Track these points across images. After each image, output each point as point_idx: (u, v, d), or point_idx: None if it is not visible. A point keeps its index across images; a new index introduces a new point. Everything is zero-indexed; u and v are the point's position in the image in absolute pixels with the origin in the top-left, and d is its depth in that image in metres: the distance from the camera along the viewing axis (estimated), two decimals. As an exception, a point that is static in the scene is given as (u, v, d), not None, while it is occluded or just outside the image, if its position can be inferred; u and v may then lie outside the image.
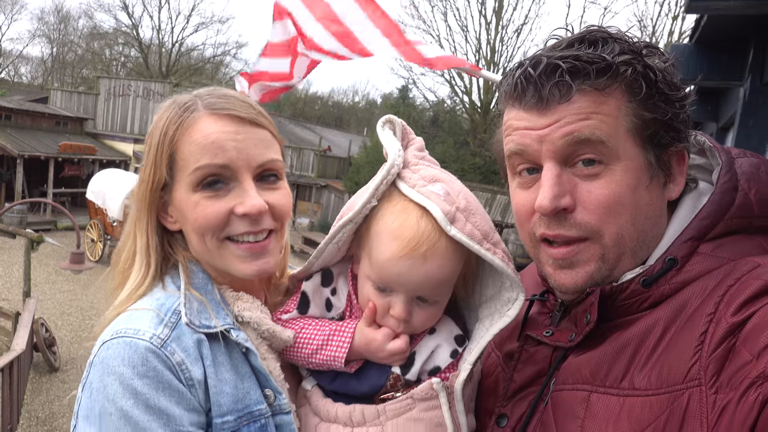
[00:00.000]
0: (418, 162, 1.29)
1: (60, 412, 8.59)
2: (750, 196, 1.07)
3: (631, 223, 1.07)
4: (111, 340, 1.13)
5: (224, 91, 1.29)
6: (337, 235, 1.28)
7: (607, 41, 1.07)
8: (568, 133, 1.05)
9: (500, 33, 28.22)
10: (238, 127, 1.22)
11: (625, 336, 1.05)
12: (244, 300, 1.28)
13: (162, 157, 1.22)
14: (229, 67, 45.20)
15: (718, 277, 0.99)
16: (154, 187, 1.24)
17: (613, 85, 1.05)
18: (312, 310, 1.37)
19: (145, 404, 1.07)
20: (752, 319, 0.87)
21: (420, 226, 1.18)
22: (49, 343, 9.86)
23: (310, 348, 1.30)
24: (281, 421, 1.23)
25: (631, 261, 1.10)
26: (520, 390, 1.22)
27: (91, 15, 45.34)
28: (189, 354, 1.14)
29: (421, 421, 1.23)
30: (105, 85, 29.31)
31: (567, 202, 1.07)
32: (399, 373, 1.28)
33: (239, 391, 1.19)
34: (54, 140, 24.24)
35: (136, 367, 1.08)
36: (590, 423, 1.01)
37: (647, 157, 1.07)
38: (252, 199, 1.20)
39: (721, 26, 2.94)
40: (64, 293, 14.21)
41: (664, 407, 0.92)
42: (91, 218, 18.40)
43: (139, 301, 1.21)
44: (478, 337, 1.27)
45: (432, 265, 1.20)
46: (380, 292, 1.27)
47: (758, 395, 0.79)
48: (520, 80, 1.09)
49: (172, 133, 1.22)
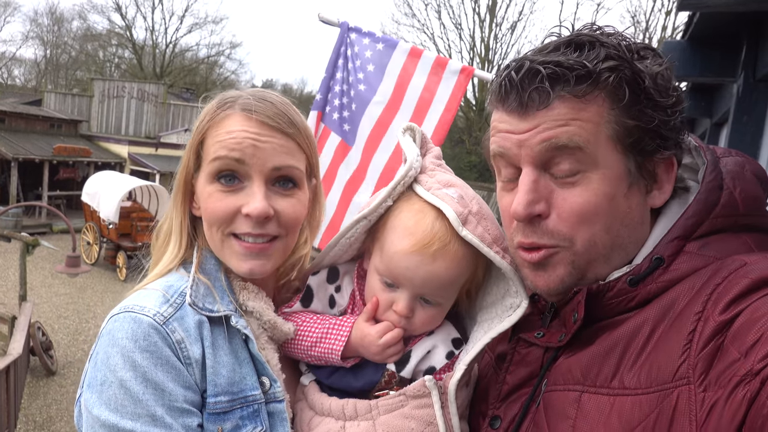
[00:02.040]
0: (435, 168, 1.34)
1: (58, 416, 8.57)
2: (735, 194, 1.07)
3: (605, 231, 1.07)
4: (119, 314, 1.19)
5: (266, 95, 1.32)
6: (350, 231, 1.33)
7: (595, 45, 1.05)
8: (545, 139, 1.05)
9: (494, 30, 28.26)
10: (263, 131, 1.26)
11: (614, 336, 1.06)
12: (250, 290, 1.33)
13: (194, 146, 1.31)
14: (223, 67, 45.16)
15: (706, 275, 1.00)
16: (187, 173, 1.33)
17: (594, 92, 1.04)
18: (315, 304, 1.40)
19: (143, 377, 1.12)
20: (740, 317, 0.88)
21: (435, 226, 1.24)
22: (46, 346, 9.84)
23: (309, 340, 1.34)
24: (274, 409, 1.26)
25: (605, 266, 1.11)
26: (513, 391, 1.23)
27: (84, 16, 45.28)
28: (189, 334, 1.19)
29: (412, 419, 1.24)
30: (99, 87, 29.26)
31: (541, 209, 1.08)
32: (394, 370, 1.31)
33: (236, 374, 1.23)
34: (48, 143, 24.18)
35: (138, 341, 1.14)
36: (581, 423, 1.02)
37: (627, 165, 1.07)
38: (256, 202, 1.23)
39: (714, 23, 2.94)
40: (61, 296, 14.18)
41: (653, 406, 0.92)
42: (86, 221, 18.37)
43: (153, 282, 1.27)
44: (475, 339, 1.29)
45: (439, 265, 1.24)
46: (386, 287, 1.31)
47: (746, 393, 0.79)
48: (504, 83, 1.09)
49: (205, 125, 1.29)
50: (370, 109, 3.87)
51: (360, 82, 3.92)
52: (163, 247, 1.36)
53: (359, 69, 3.95)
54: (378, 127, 3.85)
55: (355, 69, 3.96)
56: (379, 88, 3.86)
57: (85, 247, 17.88)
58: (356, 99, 3.92)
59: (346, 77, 3.99)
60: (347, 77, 3.99)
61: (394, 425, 1.24)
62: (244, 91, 1.34)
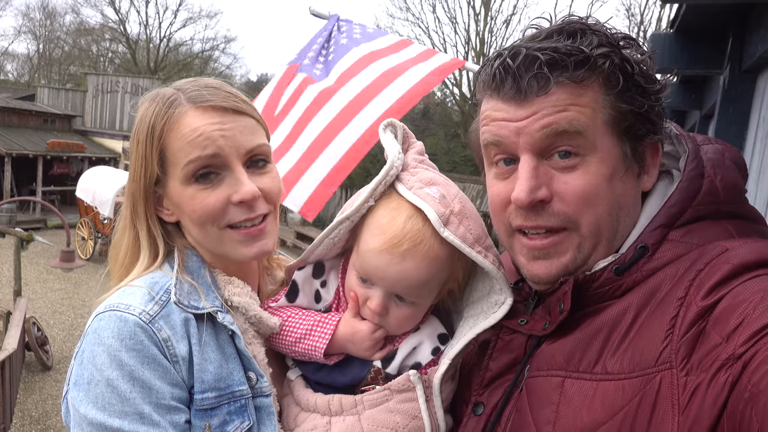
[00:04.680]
0: (417, 165, 1.32)
1: (53, 411, 8.55)
2: (716, 182, 1.08)
3: (608, 213, 1.09)
4: (104, 312, 1.18)
5: (206, 82, 1.32)
6: (333, 231, 1.32)
7: (586, 33, 1.07)
8: (546, 125, 1.05)
9: (489, 24, 28.17)
10: (223, 117, 1.26)
11: (597, 322, 1.07)
12: (235, 285, 1.33)
13: (152, 153, 1.26)
14: (217, 62, 44.87)
15: (688, 262, 1.01)
16: (147, 182, 1.28)
17: (591, 78, 1.05)
18: (300, 299, 1.40)
19: (130, 376, 1.12)
20: (722, 302, 0.89)
21: (406, 225, 1.22)
22: (42, 342, 9.81)
23: (293, 336, 1.34)
24: (261, 404, 1.27)
25: (606, 250, 1.12)
26: (496, 378, 1.24)
27: (77, 11, 44.69)
28: (176, 331, 1.19)
29: (397, 413, 1.25)
30: (93, 82, 29.04)
31: (543, 194, 1.08)
32: (380, 366, 1.31)
33: (223, 370, 1.23)
34: (42, 138, 24.01)
35: (124, 340, 1.14)
36: (565, 408, 1.03)
37: (623, 149, 1.08)
38: (245, 186, 1.25)
39: (701, 15, 2.95)
40: (56, 292, 14.12)
41: (636, 390, 0.94)
42: (81, 216, 18.26)
43: (136, 280, 1.26)
44: (460, 334, 1.29)
45: (409, 265, 1.23)
46: (362, 283, 1.30)
47: (728, 377, 0.81)
48: (499, 70, 1.09)
49: (159, 129, 1.25)
50: (348, 57, 3.88)
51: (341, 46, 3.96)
52: (128, 266, 1.32)
53: (342, 38, 3.99)
54: (357, 65, 3.84)
55: (338, 38, 4.00)
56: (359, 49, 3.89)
57: (80, 242, 17.78)
58: (336, 50, 3.95)
59: (327, 45, 4.02)
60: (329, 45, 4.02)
61: (380, 419, 1.25)
62: (174, 85, 1.32)
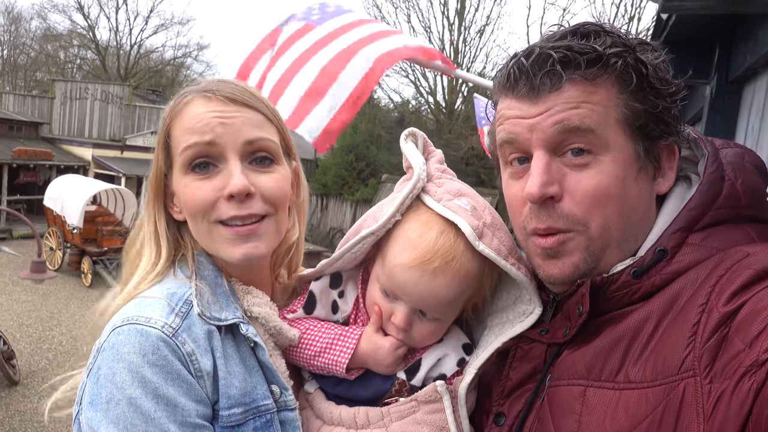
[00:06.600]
0: (441, 175, 1.29)
1: (21, 427, 8.28)
2: (737, 185, 1.08)
3: (618, 214, 1.08)
4: (122, 326, 1.10)
5: (225, 79, 1.29)
6: (356, 246, 1.28)
7: (600, 34, 1.09)
8: (558, 121, 1.06)
9: (463, 34, 28.47)
10: (227, 107, 1.22)
11: (618, 329, 1.06)
12: (254, 294, 1.28)
13: (160, 142, 1.25)
14: (190, 69, 44.43)
15: (709, 267, 1.00)
16: (158, 174, 1.27)
17: (604, 76, 1.06)
18: (318, 311, 1.36)
19: (154, 393, 1.05)
20: (744, 308, 0.88)
21: (438, 241, 1.18)
22: (8, 356, 9.50)
23: (313, 350, 1.30)
24: (285, 418, 1.21)
25: (618, 253, 1.11)
26: (517, 388, 1.22)
27: (44, 16, 44.00)
28: (199, 345, 1.13)
29: (425, 424, 1.22)
30: (61, 89, 28.50)
31: (555, 191, 1.08)
32: (404, 378, 1.28)
33: (247, 384, 1.18)
34: (7, 146, 23.39)
35: (147, 356, 1.07)
36: (587, 417, 1.01)
37: (636, 149, 1.08)
38: (234, 179, 1.18)
39: (689, 26, 3.01)
40: (23, 304, 13.71)
41: (660, 399, 0.92)
42: (49, 226, 17.81)
43: (150, 289, 1.20)
44: (485, 344, 1.27)
45: (439, 282, 1.19)
46: (385, 297, 1.27)
47: (752, 383, 0.80)
48: (513, 70, 1.10)
49: (168, 119, 1.24)
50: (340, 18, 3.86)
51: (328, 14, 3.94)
52: (136, 259, 1.28)
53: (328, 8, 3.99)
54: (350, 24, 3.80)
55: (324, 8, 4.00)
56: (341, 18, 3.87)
57: (48, 252, 17.32)
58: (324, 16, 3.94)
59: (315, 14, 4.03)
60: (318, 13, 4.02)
61: (407, 431, 1.22)
62: (202, 81, 1.30)
